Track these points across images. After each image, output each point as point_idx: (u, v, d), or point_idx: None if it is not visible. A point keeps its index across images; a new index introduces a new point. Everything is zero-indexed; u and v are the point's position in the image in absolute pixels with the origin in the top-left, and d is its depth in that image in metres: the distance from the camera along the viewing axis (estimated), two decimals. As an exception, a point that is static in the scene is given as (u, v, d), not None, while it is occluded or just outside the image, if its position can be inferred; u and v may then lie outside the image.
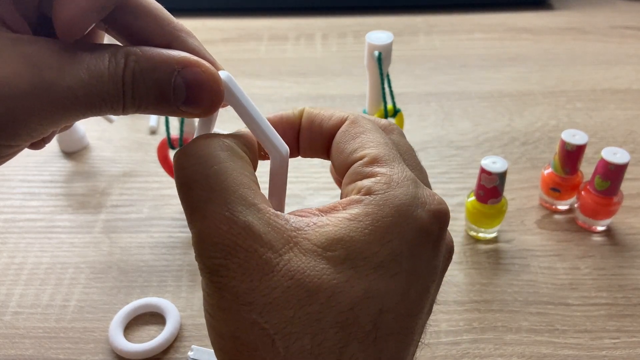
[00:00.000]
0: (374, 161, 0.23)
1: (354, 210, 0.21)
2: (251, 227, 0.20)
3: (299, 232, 0.20)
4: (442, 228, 0.22)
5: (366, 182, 0.22)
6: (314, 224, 0.21)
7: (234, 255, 0.19)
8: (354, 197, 0.22)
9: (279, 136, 0.24)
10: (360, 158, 0.23)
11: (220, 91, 0.22)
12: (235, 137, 0.23)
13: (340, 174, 0.24)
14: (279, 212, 0.21)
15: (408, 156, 0.25)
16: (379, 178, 0.22)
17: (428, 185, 0.25)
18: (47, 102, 0.20)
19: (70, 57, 0.20)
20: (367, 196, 0.21)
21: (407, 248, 0.21)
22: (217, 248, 0.20)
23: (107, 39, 0.24)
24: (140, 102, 0.21)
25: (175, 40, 0.23)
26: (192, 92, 0.22)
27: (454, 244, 0.24)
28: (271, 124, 0.24)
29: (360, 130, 0.24)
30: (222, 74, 0.23)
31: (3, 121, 0.19)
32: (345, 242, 0.20)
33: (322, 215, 0.21)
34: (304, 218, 0.21)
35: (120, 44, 0.22)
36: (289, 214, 0.21)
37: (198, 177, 0.21)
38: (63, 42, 0.21)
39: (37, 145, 0.25)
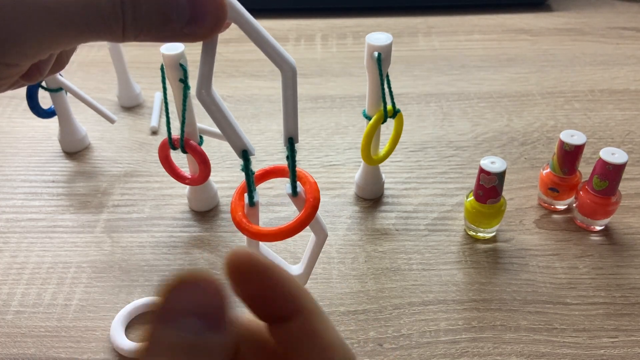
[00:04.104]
0: None
1: None
2: None
3: None
4: None
5: None
6: None
7: None
8: None
9: (284, 50, 0.24)
10: None
11: (224, 4, 0.21)
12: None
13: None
14: None
15: None
16: None
17: None
18: (39, 16, 0.19)
19: None
20: None
21: None
22: None
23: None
24: (143, 24, 0.21)
25: None
26: (196, 8, 0.21)
27: (454, 244, 0.24)
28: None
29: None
30: None
31: None
32: None
33: None
34: None
35: None
36: None
37: None
38: None
39: (31, 75, 0.24)
